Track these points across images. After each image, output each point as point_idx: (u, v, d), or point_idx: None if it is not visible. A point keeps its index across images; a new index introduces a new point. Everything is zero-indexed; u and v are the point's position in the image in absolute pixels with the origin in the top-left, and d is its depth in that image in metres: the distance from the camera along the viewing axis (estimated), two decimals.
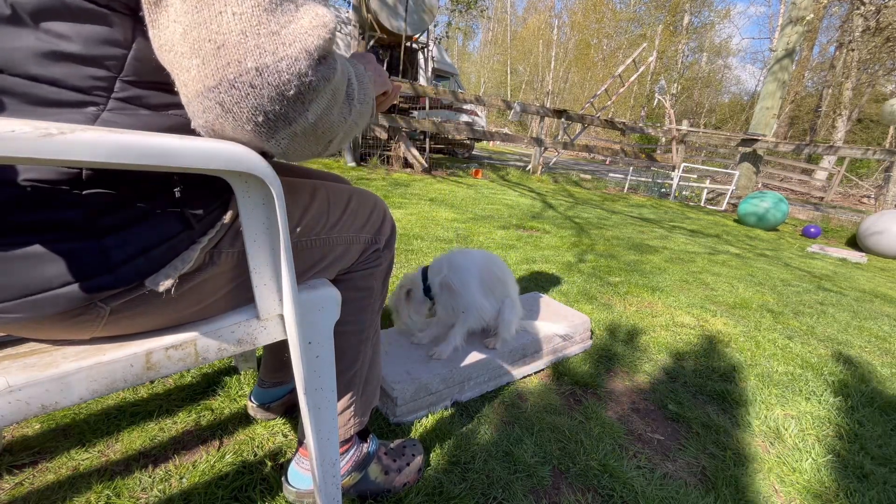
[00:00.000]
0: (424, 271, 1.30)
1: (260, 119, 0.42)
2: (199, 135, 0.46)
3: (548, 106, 8.08)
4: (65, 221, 0.45)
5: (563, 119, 8.05)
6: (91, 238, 0.46)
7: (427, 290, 1.28)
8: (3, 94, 0.42)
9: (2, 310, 0.45)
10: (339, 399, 0.81)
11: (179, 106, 0.47)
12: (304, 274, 0.69)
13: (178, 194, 0.50)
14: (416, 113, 7.70)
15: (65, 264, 0.45)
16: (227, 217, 0.54)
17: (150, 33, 0.42)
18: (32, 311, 0.46)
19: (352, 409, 0.84)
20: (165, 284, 0.50)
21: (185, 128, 0.47)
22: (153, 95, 0.47)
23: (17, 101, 0.42)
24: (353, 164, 6.06)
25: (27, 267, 0.44)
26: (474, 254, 1.35)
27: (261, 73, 0.39)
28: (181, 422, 1.04)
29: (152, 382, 1.16)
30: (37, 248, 0.44)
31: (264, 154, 0.49)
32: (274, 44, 0.39)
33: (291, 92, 0.41)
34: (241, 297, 0.61)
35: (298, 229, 0.65)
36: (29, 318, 0.46)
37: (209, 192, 0.53)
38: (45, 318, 0.47)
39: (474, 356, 1.27)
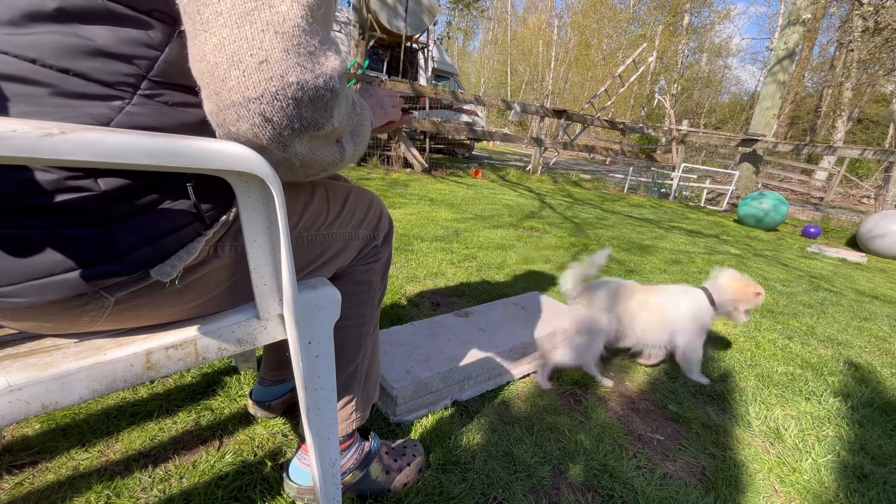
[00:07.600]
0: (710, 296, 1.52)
1: (296, 126, 0.47)
2: (211, 132, 0.48)
3: (548, 106, 8.08)
4: (78, 208, 0.45)
5: (563, 119, 8.05)
6: (100, 225, 0.47)
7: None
8: (33, 84, 0.43)
9: (6, 293, 0.45)
10: (341, 394, 0.82)
11: (193, 105, 0.51)
12: (304, 269, 0.70)
13: (190, 190, 0.51)
14: (416, 113, 7.70)
15: (72, 250, 0.46)
16: (233, 212, 0.55)
17: (189, 44, 0.45)
18: (36, 296, 0.46)
19: (353, 403, 0.85)
20: (171, 275, 0.51)
21: (197, 125, 0.51)
22: (174, 94, 0.50)
23: (46, 91, 0.43)
24: (353, 163, 6.07)
25: (35, 251, 0.45)
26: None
27: (301, 88, 0.44)
28: (181, 422, 1.04)
29: (152, 382, 1.16)
30: (47, 232, 0.45)
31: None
32: (312, 62, 0.44)
33: (323, 102, 0.47)
34: (243, 293, 0.62)
35: (299, 226, 0.66)
36: (32, 303, 0.46)
37: (220, 186, 0.54)
38: (48, 304, 0.47)
39: (474, 354, 1.26)
